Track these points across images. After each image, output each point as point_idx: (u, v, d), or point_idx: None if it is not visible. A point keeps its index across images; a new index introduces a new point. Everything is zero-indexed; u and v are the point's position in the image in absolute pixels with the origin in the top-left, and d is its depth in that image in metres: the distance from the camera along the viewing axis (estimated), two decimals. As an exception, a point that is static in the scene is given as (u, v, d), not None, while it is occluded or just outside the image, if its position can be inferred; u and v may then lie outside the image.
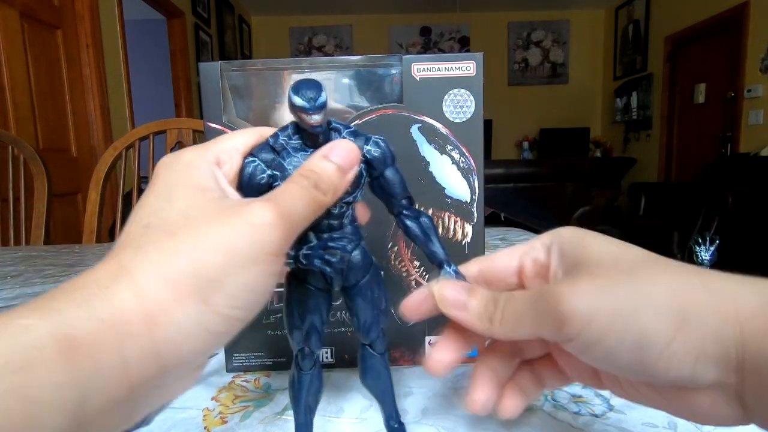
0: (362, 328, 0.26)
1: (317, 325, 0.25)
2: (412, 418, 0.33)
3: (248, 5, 5.24)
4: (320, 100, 0.21)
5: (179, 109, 3.78)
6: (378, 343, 0.27)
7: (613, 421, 0.32)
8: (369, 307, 0.26)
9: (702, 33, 4.09)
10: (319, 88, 0.21)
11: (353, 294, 0.26)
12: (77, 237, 2.09)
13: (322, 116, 0.22)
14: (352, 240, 0.25)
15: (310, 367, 0.26)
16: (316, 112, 0.21)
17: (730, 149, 3.75)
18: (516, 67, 5.73)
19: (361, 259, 0.25)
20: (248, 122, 0.37)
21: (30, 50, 2.13)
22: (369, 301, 0.26)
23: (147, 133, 1.29)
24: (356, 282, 0.25)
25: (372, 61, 0.37)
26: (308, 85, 0.21)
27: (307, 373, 0.26)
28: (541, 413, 0.33)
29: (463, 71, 0.36)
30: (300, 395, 0.26)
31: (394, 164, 0.25)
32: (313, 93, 0.21)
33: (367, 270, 0.25)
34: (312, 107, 0.21)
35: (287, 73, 0.37)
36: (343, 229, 0.24)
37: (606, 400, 0.34)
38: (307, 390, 0.26)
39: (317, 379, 0.26)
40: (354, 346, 0.29)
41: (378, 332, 0.27)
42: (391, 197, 0.25)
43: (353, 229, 0.25)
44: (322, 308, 0.25)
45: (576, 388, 0.36)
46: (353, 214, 0.25)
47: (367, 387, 0.28)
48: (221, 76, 0.36)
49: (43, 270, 0.83)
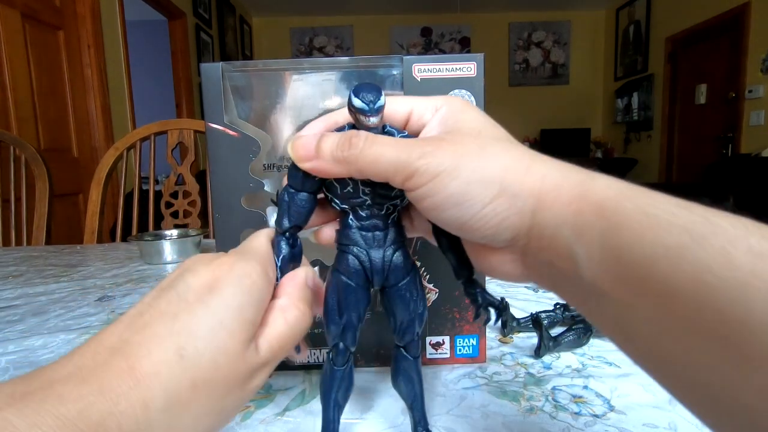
0: (398, 329, 0.27)
1: (354, 322, 0.25)
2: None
3: (249, 6, 5.24)
4: (379, 103, 0.22)
5: (180, 110, 3.79)
6: (412, 346, 0.27)
7: (613, 422, 0.32)
8: (406, 309, 0.26)
9: (703, 34, 4.09)
10: (378, 92, 0.22)
11: (392, 294, 0.26)
12: (78, 237, 2.09)
13: (379, 119, 0.23)
14: (395, 242, 0.25)
15: (343, 364, 0.26)
16: (374, 115, 0.22)
17: (731, 150, 3.75)
18: (517, 68, 5.73)
19: (403, 261, 0.25)
20: (249, 123, 0.37)
21: (31, 51, 2.14)
22: (407, 303, 0.26)
23: (148, 133, 1.29)
24: (396, 282, 0.26)
25: (373, 62, 0.37)
26: (368, 89, 0.22)
27: (339, 369, 0.26)
28: (541, 413, 0.33)
29: (464, 72, 0.36)
30: (330, 391, 0.26)
31: None
32: (373, 96, 0.22)
33: (407, 272, 0.26)
34: (371, 110, 0.22)
35: (288, 73, 0.37)
36: (388, 229, 0.25)
37: (607, 400, 0.34)
38: (338, 386, 0.26)
39: (349, 376, 0.27)
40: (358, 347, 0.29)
41: (413, 335, 0.27)
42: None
43: (397, 231, 0.25)
44: (360, 305, 0.25)
45: (576, 389, 0.36)
46: (398, 216, 0.26)
47: (397, 390, 0.28)
48: (222, 76, 0.36)
49: (44, 270, 0.84)
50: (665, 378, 0.18)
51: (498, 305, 0.25)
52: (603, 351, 0.43)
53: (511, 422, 0.32)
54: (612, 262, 0.17)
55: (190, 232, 0.96)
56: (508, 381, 0.38)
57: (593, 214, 0.18)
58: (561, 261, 0.20)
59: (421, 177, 0.21)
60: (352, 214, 0.25)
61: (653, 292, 0.16)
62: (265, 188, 0.38)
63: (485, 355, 0.41)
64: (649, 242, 0.16)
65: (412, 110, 0.25)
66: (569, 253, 0.19)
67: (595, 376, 0.38)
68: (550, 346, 0.41)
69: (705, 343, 0.15)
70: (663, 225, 0.16)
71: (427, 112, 0.25)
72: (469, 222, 0.21)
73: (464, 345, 0.40)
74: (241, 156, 0.37)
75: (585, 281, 0.19)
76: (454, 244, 0.25)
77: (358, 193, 0.24)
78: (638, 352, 0.18)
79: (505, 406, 0.34)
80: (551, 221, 0.20)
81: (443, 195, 0.21)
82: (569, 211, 0.19)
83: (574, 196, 0.19)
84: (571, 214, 0.19)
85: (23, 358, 0.45)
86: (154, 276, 0.77)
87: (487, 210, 0.21)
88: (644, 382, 0.37)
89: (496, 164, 0.21)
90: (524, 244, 0.21)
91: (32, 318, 0.57)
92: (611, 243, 0.17)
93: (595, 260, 0.18)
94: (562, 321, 0.48)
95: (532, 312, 0.46)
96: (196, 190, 1.29)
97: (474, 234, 0.22)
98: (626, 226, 0.17)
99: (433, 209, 0.22)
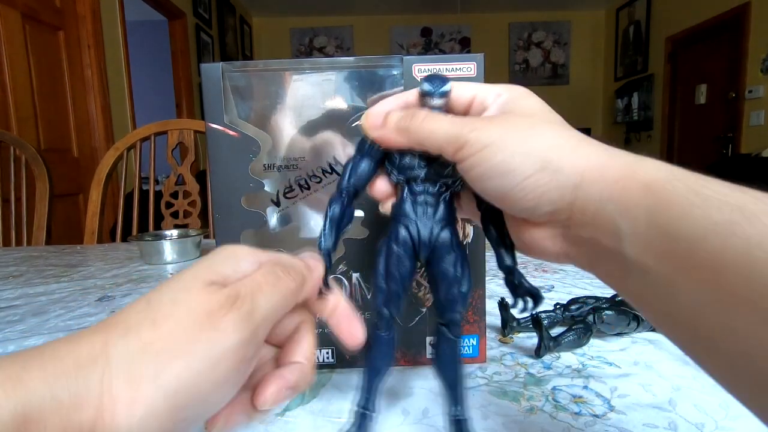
0: (440, 304, 0.27)
1: (398, 290, 0.26)
2: (412, 418, 0.33)
3: (249, 6, 5.24)
4: (444, 88, 0.25)
5: (180, 110, 3.79)
6: (454, 326, 0.27)
7: (613, 422, 0.32)
8: (449, 285, 0.26)
9: (703, 34, 4.09)
10: (445, 80, 0.25)
11: (436, 269, 0.27)
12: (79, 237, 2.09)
13: (444, 102, 0.25)
14: (444, 219, 0.26)
15: (387, 330, 0.27)
16: (438, 97, 0.25)
17: (732, 150, 3.75)
18: (517, 68, 5.73)
19: (449, 238, 0.26)
20: (249, 123, 0.37)
21: (32, 51, 2.14)
22: (451, 278, 0.26)
23: (148, 133, 1.29)
24: (441, 257, 0.26)
25: (373, 62, 0.37)
26: (437, 77, 0.25)
27: (383, 335, 0.27)
28: (541, 413, 0.33)
29: (464, 72, 0.36)
30: (372, 355, 0.27)
31: None
32: (440, 82, 0.25)
33: (453, 250, 0.26)
34: (436, 92, 0.25)
35: (288, 74, 0.37)
36: (438, 206, 0.26)
37: (607, 400, 0.34)
38: (380, 352, 0.27)
39: (390, 343, 0.27)
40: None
41: (454, 314, 0.27)
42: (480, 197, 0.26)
43: (447, 210, 0.27)
44: (405, 274, 0.26)
45: (576, 389, 0.36)
46: (451, 197, 0.27)
47: (437, 369, 0.28)
48: (222, 76, 0.36)
49: (44, 270, 0.84)
50: (708, 357, 0.18)
51: (537, 294, 0.25)
52: (603, 351, 0.43)
53: (511, 422, 0.32)
54: (658, 237, 0.17)
55: (191, 233, 0.96)
56: (508, 381, 0.38)
57: (640, 191, 0.19)
58: (604, 237, 0.20)
59: (471, 148, 0.22)
60: (407, 188, 0.27)
61: (701, 266, 0.16)
62: (265, 188, 0.38)
63: (485, 355, 0.41)
64: (698, 218, 0.16)
65: (476, 95, 0.26)
66: (613, 228, 0.19)
67: (595, 376, 0.38)
68: (550, 346, 0.41)
69: (752, 317, 0.15)
70: (713, 203, 0.16)
71: (489, 98, 0.26)
72: (510, 193, 0.22)
73: (464, 345, 0.40)
74: (241, 156, 0.37)
75: (628, 258, 0.19)
76: (502, 233, 0.26)
77: (414, 166, 0.26)
78: (680, 329, 0.18)
79: (505, 406, 0.34)
80: (595, 196, 0.20)
81: (488, 165, 0.22)
82: (616, 188, 0.19)
83: (621, 175, 0.20)
84: (617, 191, 0.19)
85: (23, 358, 0.45)
86: (155, 276, 0.77)
87: (528, 182, 0.21)
88: (644, 382, 0.37)
89: (542, 141, 0.22)
90: (566, 218, 0.22)
91: (32, 318, 0.57)
92: (658, 219, 0.18)
93: (641, 236, 0.18)
94: (562, 321, 0.48)
95: (532, 312, 0.46)
96: (196, 191, 1.29)
97: (515, 205, 0.23)
98: (675, 203, 0.17)
99: (479, 179, 0.23)
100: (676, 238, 0.17)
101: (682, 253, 0.17)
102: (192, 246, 0.88)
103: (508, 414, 0.33)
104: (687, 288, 0.17)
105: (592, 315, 0.44)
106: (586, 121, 5.74)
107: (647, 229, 0.18)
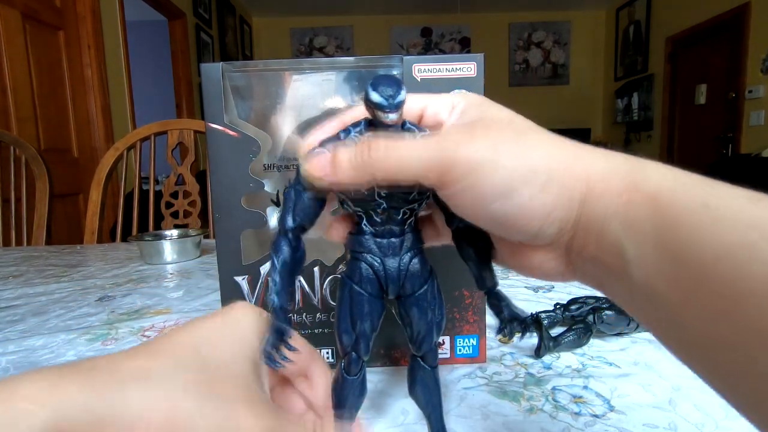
0: (415, 340, 0.25)
1: (367, 332, 0.24)
2: (412, 418, 0.33)
3: (249, 6, 5.24)
4: (399, 98, 0.20)
5: (180, 110, 3.79)
6: (430, 356, 0.26)
7: (613, 422, 0.32)
8: (424, 319, 0.24)
9: (703, 34, 4.09)
10: (398, 86, 0.20)
11: (409, 304, 0.24)
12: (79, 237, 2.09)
13: (399, 115, 0.21)
14: (412, 248, 0.24)
15: (356, 373, 0.25)
16: (393, 111, 0.20)
17: (731, 150, 3.75)
18: (517, 68, 5.72)
19: (420, 268, 0.24)
20: (249, 123, 0.37)
21: (32, 51, 2.13)
22: (424, 312, 0.24)
23: (148, 133, 1.29)
24: (413, 292, 0.24)
25: (373, 62, 0.37)
26: (387, 82, 0.20)
27: (352, 378, 0.25)
28: (541, 413, 0.33)
29: (464, 72, 0.36)
30: (343, 398, 0.25)
31: None
32: (392, 90, 0.20)
33: (425, 280, 0.24)
34: (389, 105, 0.20)
35: (288, 73, 0.37)
36: (404, 235, 0.23)
37: (607, 400, 0.34)
38: (351, 393, 0.25)
39: (362, 384, 0.25)
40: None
41: (431, 345, 0.25)
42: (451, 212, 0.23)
43: (414, 237, 0.24)
44: (374, 315, 0.24)
45: (576, 389, 0.36)
46: (416, 221, 0.24)
47: (414, 399, 0.27)
48: (222, 76, 0.36)
49: (44, 270, 0.84)
50: (725, 387, 0.16)
51: (524, 319, 0.24)
52: (603, 351, 0.43)
53: (511, 422, 0.32)
54: (667, 261, 0.16)
55: (190, 233, 0.96)
56: (508, 381, 0.38)
57: (646, 206, 0.17)
58: (608, 257, 0.18)
59: (460, 169, 0.19)
60: (365, 219, 0.23)
61: (716, 294, 0.14)
62: (265, 188, 0.38)
63: (485, 355, 0.41)
64: (709, 240, 0.15)
65: (425, 107, 0.23)
66: (618, 249, 0.17)
67: (595, 376, 0.38)
68: (550, 346, 0.41)
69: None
70: (726, 221, 0.15)
71: (443, 110, 0.23)
72: (515, 216, 0.19)
73: (464, 345, 0.40)
74: (241, 156, 0.37)
75: (635, 280, 0.17)
76: (480, 252, 0.24)
77: (373, 196, 0.22)
78: (695, 357, 0.17)
79: (505, 406, 0.34)
80: (599, 213, 0.18)
81: (486, 187, 0.19)
82: (620, 202, 0.17)
83: (624, 186, 0.18)
84: (622, 205, 0.17)
85: (23, 358, 0.45)
86: (154, 276, 0.77)
87: (536, 202, 0.19)
88: (644, 382, 0.37)
89: (539, 152, 0.19)
90: (569, 239, 0.19)
91: (32, 318, 0.57)
92: (666, 240, 0.16)
93: (648, 259, 0.16)
94: (562, 321, 0.48)
95: (532, 312, 0.46)
96: (196, 190, 1.30)
97: (519, 230, 0.20)
98: (684, 222, 0.15)
99: (474, 205, 0.20)
100: (687, 262, 0.15)
101: (694, 279, 0.15)
102: (192, 246, 0.88)
103: (508, 414, 0.33)
104: (700, 318, 0.15)
105: (592, 315, 0.44)
106: (586, 121, 5.74)
107: (655, 251, 0.16)
